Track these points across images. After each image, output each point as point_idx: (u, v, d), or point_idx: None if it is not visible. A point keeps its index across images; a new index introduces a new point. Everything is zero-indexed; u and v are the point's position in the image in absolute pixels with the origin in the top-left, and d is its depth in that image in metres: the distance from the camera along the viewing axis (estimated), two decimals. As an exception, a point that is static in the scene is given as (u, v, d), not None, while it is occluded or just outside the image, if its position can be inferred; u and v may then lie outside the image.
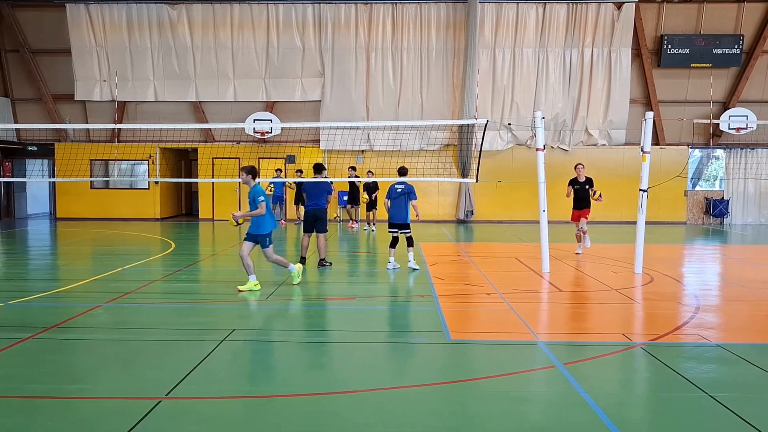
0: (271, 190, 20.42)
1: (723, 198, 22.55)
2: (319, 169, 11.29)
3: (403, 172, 11.14)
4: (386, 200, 11.14)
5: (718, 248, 15.74)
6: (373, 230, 18.36)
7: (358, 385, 5.03)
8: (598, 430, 4.11)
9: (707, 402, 4.61)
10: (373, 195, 18.56)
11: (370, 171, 19.41)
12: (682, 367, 5.41)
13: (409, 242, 10.92)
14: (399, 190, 10.92)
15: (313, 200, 11.17)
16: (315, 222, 11.13)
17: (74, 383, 5.03)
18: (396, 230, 11.01)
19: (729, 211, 22.42)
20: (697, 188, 23.33)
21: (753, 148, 22.19)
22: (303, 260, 11.10)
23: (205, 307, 8.08)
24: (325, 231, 11.18)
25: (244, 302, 8.29)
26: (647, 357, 5.77)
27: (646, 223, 10.91)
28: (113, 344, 6.15)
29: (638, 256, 10.70)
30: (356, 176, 19.02)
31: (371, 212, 18.82)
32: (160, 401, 4.55)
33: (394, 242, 11.09)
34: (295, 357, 5.84)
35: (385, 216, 11.41)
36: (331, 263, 11.34)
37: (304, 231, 11.31)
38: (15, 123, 22.63)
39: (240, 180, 9.25)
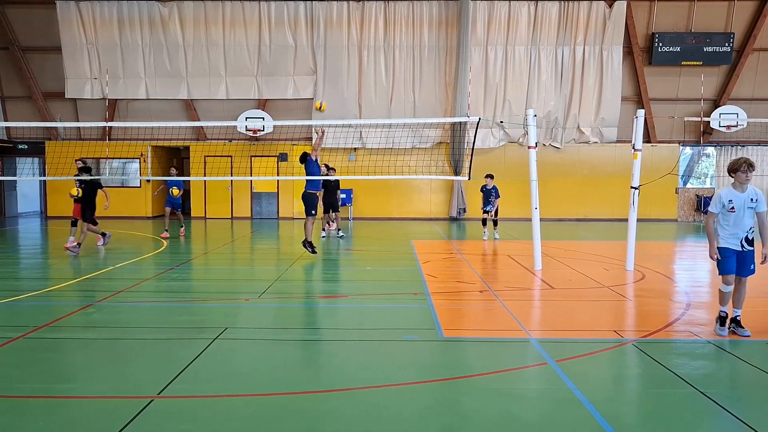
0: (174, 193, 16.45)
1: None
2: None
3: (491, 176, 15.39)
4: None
5: (709, 245, 15.80)
6: (340, 234, 16.35)
7: (350, 382, 5.03)
8: (589, 426, 4.13)
9: (698, 398, 4.64)
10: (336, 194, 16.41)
11: (326, 164, 16.62)
12: (673, 364, 5.44)
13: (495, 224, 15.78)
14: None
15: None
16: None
17: (65, 383, 5.00)
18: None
19: (720, 208, 22.51)
20: (688, 186, 23.46)
21: (743, 146, 22.33)
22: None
23: (197, 305, 8.06)
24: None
25: (236, 300, 8.28)
26: (638, 353, 5.80)
27: (638, 220, 10.96)
28: (105, 343, 6.12)
29: (630, 253, 10.74)
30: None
31: (332, 213, 16.34)
32: (152, 400, 4.53)
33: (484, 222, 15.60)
34: (287, 355, 5.83)
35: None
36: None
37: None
38: (5, 121, 22.48)
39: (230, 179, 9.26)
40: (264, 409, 4.47)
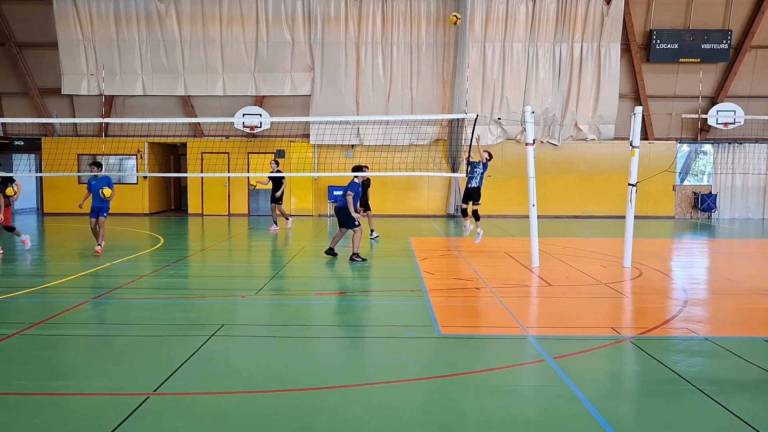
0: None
1: (711, 192, 22.71)
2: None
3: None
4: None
5: (706, 242, 15.86)
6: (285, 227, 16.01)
7: (348, 379, 5.02)
8: (586, 423, 4.13)
9: (695, 395, 4.64)
10: (279, 191, 16.98)
11: (275, 161, 17.18)
12: (670, 361, 5.44)
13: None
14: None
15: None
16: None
17: (62, 379, 4.99)
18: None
19: (717, 205, 22.59)
20: (686, 183, 23.48)
21: (740, 143, 22.36)
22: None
23: (194, 302, 8.04)
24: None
25: (233, 297, 8.26)
26: (636, 350, 5.81)
27: (635, 217, 10.96)
28: (101, 340, 6.11)
29: (627, 251, 10.74)
30: (278, 171, 17.02)
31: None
32: (149, 397, 4.52)
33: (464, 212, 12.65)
34: (284, 352, 5.82)
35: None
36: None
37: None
38: (1, 117, 22.39)
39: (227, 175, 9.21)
40: (260, 407, 4.46)
